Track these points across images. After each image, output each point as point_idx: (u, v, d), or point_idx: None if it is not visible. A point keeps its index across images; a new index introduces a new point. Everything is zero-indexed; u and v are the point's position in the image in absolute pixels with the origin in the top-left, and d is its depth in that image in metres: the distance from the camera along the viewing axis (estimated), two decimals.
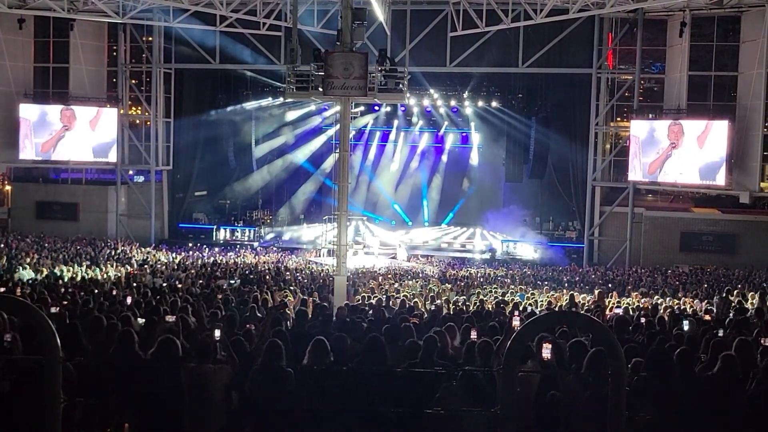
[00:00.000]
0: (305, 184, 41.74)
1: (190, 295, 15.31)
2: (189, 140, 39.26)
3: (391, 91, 22.04)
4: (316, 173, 41.27)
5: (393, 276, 27.28)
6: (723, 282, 24.84)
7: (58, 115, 36.39)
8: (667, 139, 32.91)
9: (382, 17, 29.98)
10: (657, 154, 33.22)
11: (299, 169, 41.23)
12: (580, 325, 5.94)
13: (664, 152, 32.95)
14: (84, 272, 22.00)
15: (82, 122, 36.53)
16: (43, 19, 36.40)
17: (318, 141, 40.69)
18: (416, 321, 11.47)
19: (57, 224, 36.99)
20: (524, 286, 24.47)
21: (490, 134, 40.21)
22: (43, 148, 36.51)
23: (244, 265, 28.35)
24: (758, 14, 31.15)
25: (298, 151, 40.76)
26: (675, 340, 9.77)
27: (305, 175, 41.47)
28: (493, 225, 38.70)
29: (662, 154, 32.99)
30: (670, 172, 32.91)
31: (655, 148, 33.24)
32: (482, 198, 40.44)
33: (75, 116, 36.47)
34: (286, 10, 32.06)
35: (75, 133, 36.53)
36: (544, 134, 37.42)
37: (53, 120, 36.41)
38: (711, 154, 31.63)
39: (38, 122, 36.34)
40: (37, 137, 36.40)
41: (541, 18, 30.39)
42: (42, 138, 36.40)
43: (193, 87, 38.87)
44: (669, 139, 32.84)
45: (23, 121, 36.24)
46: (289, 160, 40.94)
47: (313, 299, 17.05)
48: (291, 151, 40.87)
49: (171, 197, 39.90)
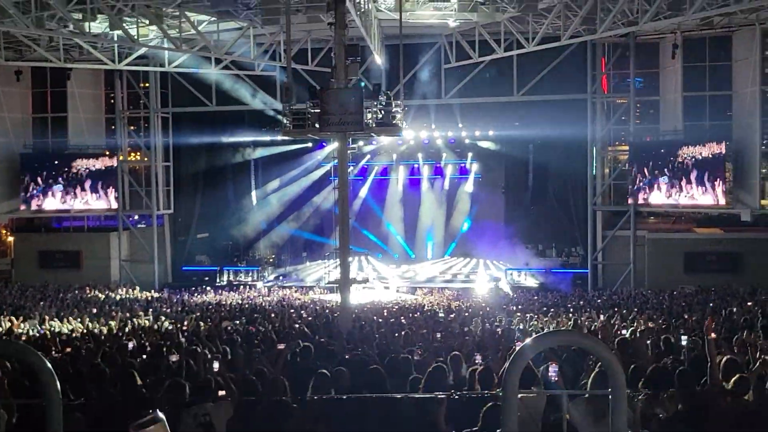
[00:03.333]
0: (306, 220, 41.74)
1: (195, 336, 15.27)
2: (189, 182, 39.46)
3: (387, 125, 22.16)
4: (317, 209, 41.28)
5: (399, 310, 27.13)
6: (728, 301, 24.70)
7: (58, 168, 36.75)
8: (666, 160, 32.99)
9: (376, 52, 30.22)
10: (656, 176, 33.29)
11: (300, 205, 41.25)
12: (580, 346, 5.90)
13: (663, 174, 33.04)
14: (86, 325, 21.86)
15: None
16: (39, 70, 36.69)
17: (317, 177, 40.77)
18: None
19: (60, 273, 36.95)
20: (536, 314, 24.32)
21: (489, 163, 40.33)
22: (44, 198, 36.76)
23: (249, 305, 28.30)
24: (749, 33, 31.37)
25: (299, 188, 40.82)
26: (679, 359, 9.71)
27: (306, 211, 41.47)
28: (496, 254, 38.67)
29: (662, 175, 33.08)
30: (671, 193, 32.93)
31: (655, 169, 33.31)
32: (483, 227, 40.40)
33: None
34: (281, 50, 32.33)
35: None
36: (543, 161, 37.53)
37: (54, 171, 36.72)
38: (710, 174, 31.67)
39: (39, 174, 36.62)
40: (37, 189, 36.67)
41: (534, 46, 30.63)
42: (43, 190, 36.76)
43: (192, 128, 39.00)
44: (668, 160, 32.93)
45: (24, 173, 36.51)
46: (290, 197, 40.98)
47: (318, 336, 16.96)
48: (291, 188, 40.93)
49: (173, 240, 39.90)
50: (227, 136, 38.80)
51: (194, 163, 39.26)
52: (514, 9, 28.16)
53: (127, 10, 27.84)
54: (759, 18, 30.21)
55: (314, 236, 41.72)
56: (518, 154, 38.54)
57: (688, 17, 26.12)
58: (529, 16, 29.51)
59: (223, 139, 38.85)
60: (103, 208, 37.61)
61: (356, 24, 23.77)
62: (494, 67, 33.97)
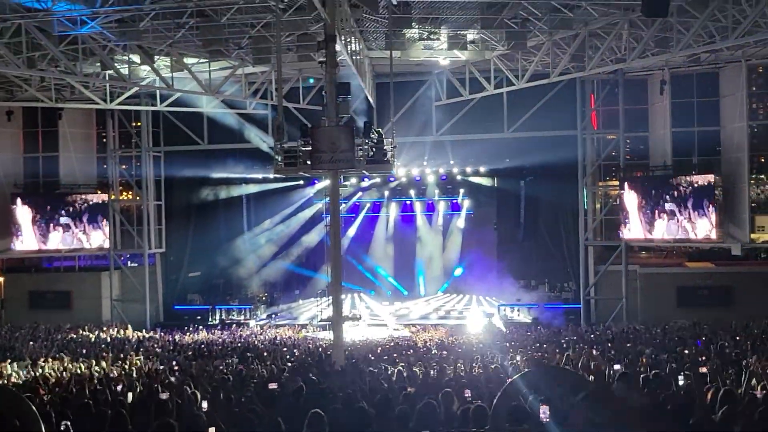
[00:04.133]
0: (299, 257, 41.67)
1: (188, 376, 15.18)
2: (181, 221, 39.45)
3: (378, 162, 22.25)
4: (310, 245, 41.21)
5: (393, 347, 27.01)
6: (721, 335, 24.69)
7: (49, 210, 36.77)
8: (656, 196, 33.17)
9: (367, 90, 30.42)
10: (647, 211, 33.44)
11: (293, 242, 41.21)
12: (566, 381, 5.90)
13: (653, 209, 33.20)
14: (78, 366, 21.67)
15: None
16: (31, 110, 36.81)
17: (310, 214, 40.80)
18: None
19: (51, 313, 36.62)
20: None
21: (481, 199, 40.47)
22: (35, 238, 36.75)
23: (241, 344, 28.15)
24: (735, 69, 31.72)
25: (291, 225, 40.82)
26: (673, 394, 9.70)
27: (298, 248, 41.40)
28: (489, 290, 38.64)
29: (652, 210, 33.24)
30: (661, 228, 33.05)
31: (645, 205, 33.48)
32: (476, 263, 40.36)
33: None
34: (272, 89, 32.53)
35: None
36: (534, 196, 37.68)
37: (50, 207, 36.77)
38: (700, 209, 31.82)
39: (30, 216, 36.64)
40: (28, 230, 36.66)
41: (523, 83, 30.88)
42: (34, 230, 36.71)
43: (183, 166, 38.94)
44: (658, 196, 33.10)
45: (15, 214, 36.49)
46: (282, 234, 40.96)
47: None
48: (283, 225, 40.93)
49: (165, 279, 39.80)
50: (219, 173, 38.79)
51: (186, 200, 39.31)
52: (503, 47, 28.46)
53: (119, 50, 28.02)
54: (745, 54, 30.56)
55: (307, 271, 41.63)
56: (510, 190, 38.67)
57: (675, 54, 26.39)
58: (518, 53, 29.80)
59: (214, 176, 38.87)
60: (95, 247, 37.49)
61: (347, 63, 23.94)
62: (485, 104, 34.16)
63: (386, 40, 27.14)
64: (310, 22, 23.79)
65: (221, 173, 38.79)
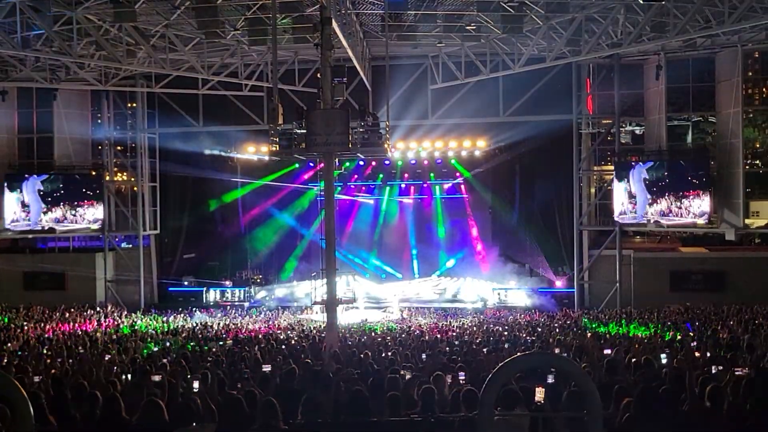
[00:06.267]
0: (293, 240, 41.56)
1: (182, 358, 15.20)
2: (176, 203, 39.37)
3: (373, 145, 22.24)
4: (304, 229, 41.14)
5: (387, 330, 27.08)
6: (713, 320, 24.82)
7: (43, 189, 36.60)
8: (650, 180, 33.20)
9: (362, 73, 30.34)
10: (641, 196, 33.47)
11: (287, 225, 41.10)
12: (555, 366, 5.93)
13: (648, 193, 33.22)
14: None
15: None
16: (26, 90, 36.61)
17: (304, 197, 40.67)
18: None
19: (45, 294, 36.60)
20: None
21: (476, 183, 40.41)
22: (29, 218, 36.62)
23: (235, 325, 28.21)
24: (731, 54, 31.68)
25: (285, 208, 40.71)
26: (662, 377, 9.76)
27: (293, 231, 41.30)
28: (483, 274, 38.68)
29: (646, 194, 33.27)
30: (655, 212, 33.10)
31: (639, 189, 33.51)
32: (470, 247, 40.34)
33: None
34: (267, 71, 32.42)
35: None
36: (529, 181, 37.70)
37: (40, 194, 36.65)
38: (694, 193, 31.88)
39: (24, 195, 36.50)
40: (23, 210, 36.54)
41: (519, 67, 30.83)
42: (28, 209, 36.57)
43: (178, 147, 38.79)
44: (652, 180, 33.13)
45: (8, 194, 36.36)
46: (276, 217, 40.84)
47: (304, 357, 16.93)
48: (278, 207, 40.80)
49: (159, 261, 39.81)
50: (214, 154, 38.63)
51: (181, 182, 39.16)
52: (500, 31, 28.38)
53: (114, 31, 27.86)
54: (741, 39, 30.53)
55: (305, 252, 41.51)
56: (505, 174, 38.65)
57: (671, 39, 26.37)
58: (515, 37, 29.73)
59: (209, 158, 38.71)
60: (89, 227, 37.38)
61: (343, 45, 23.87)
62: (480, 87, 34.09)
63: (382, 23, 27.06)
64: (306, 4, 23.70)
65: (216, 154, 38.65)
